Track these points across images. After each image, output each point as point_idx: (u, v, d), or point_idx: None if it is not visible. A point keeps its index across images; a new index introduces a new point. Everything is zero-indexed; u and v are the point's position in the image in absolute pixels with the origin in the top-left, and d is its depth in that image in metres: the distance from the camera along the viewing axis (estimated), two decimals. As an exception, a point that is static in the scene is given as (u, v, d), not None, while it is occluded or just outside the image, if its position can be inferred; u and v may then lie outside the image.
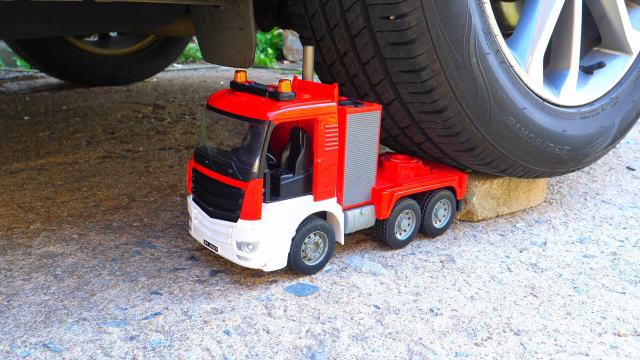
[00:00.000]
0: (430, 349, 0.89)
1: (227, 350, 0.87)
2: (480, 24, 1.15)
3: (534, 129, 1.29)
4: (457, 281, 1.11)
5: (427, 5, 1.06)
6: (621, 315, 1.00)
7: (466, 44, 1.13)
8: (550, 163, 1.37)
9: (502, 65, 1.21)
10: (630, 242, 1.32)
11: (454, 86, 1.14)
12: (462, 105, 1.17)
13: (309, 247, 1.08)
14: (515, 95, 1.24)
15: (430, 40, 1.09)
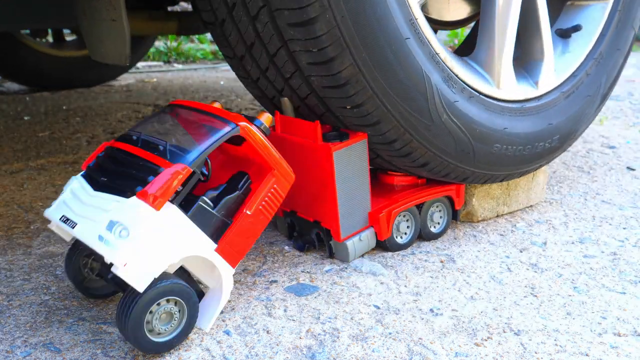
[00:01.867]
0: (431, 349, 0.89)
1: (227, 350, 0.87)
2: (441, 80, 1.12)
3: (521, 140, 1.27)
4: (457, 281, 1.11)
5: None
6: (621, 315, 1.00)
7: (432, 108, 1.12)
8: (543, 159, 1.36)
9: (472, 101, 1.18)
10: (630, 242, 1.32)
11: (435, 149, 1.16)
12: (442, 155, 1.17)
13: (156, 316, 0.82)
14: (495, 121, 1.21)
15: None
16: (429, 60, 1.09)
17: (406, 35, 1.04)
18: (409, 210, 1.22)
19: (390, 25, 1.01)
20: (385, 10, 1.00)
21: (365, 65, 1.01)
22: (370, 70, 1.02)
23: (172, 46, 4.29)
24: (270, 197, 0.95)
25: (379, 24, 1.00)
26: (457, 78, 1.16)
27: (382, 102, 1.05)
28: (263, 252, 1.21)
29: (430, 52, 1.10)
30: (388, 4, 1.01)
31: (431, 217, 1.27)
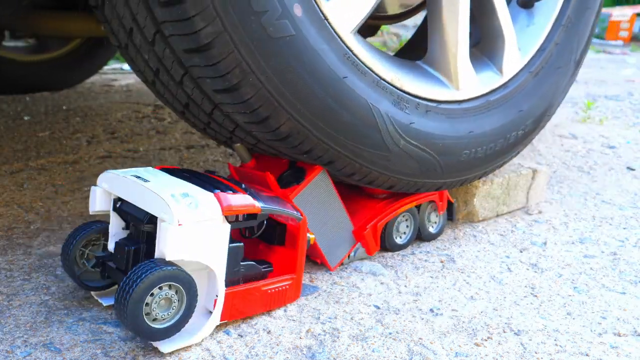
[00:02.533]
0: (431, 349, 0.89)
1: (227, 350, 0.87)
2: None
3: (490, 138, 1.21)
4: (457, 281, 1.11)
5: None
6: (621, 315, 1.00)
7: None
8: (519, 146, 1.30)
9: (429, 115, 1.11)
10: (630, 242, 1.32)
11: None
12: (407, 178, 1.13)
13: (156, 299, 0.85)
14: (458, 128, 1.15)
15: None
16: (374, 88, 1.02)
17: (343, 74, 0.97)
18: (408, 211, 1.22)
19: (323, 71, 0.94)
20: (314, 59, 0.93)
21: (304, 117, 0.95)
22: (311, 121, 0.96)
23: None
24: (280, 289, 0.99)
25: (310, 75, 0.93)
26: (409, 96, 1.08)
27: (331, 146, 1.00)
28: (263, 252, 1.21)
29: (374, 79, 1.02)
30: (317, 51, 0.93)
31: (429, 218, 1.27)
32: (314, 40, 0.92)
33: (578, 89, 3.73)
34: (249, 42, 0.87)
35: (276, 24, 0.88)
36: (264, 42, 0.88)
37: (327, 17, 0.95)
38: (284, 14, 0.88)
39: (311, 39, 0.92)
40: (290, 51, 0.90)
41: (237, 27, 0.85)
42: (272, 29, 0.87)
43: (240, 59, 0.87)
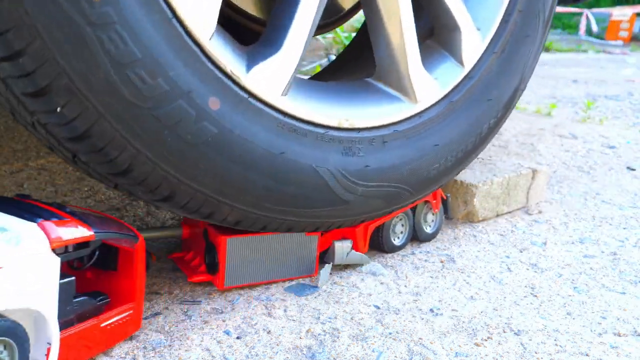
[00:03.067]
0: (431, 349, 0.89)
1: (227, 350, 0.87)
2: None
3: (460, 140, 1.12)
4: (457, 281, 1.11)
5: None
6: (621, 315, 1.00)
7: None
8: (490, 138, 1.20)
9: (387, 146, 1.02)
10: (630, 242, 1.32)
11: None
12: (376, 212, 1.08)
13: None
14: (423, 146, 1.07)
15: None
16: (318, 146, 0.94)
17: (280, 150, 0.90)
18: (404, 212, 1.21)
19: (257, 156, 0.88)
20: (244, 148, 0.86)
21: (248, 204, 0.91)
22: (257, 205, 0.92)
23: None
24: (121, 322, 0.87)
25: (244, 167, 0.88)
26: (361, 135, 0.99)
27: (285, 218, 0.97)
28: (263, 252, 1.21)
29: (317, 135, 0.94)
30: (246, 138, 0.86)
31: (425, 218, 1.26)
32: (240, 128, 0.86)
33: (578, 89, 3.73)
34: (170, 158, 0.81)
35: (194, 130, 0.81)
36: (188, 151, 0.82)
37: (252, 92, 0.87)
38: (200, 116, 0.81)
39: (237, 128, 0.85)
40: (217, 150, 0.84)
41: (153, 146, 0.80)
42: (190, 136, 0.81)
43: (168, 175, 0.83)
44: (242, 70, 0.86)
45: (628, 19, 9.08)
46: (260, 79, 0.87)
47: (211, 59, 0.82)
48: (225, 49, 0.85)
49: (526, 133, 2.34)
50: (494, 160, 1.54)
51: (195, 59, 0.80)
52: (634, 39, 9.38)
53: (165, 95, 0.78)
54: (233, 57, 0.85)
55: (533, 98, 3.31)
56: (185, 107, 0.80)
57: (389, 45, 1.01)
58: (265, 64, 0.88)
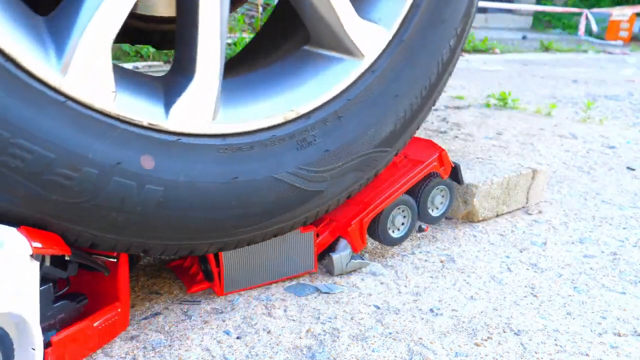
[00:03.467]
0: (431, 349, 0.89)
1: (227, 350, 0.87)
2: None
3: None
4: (457, 281, 1.11)
5: None
6: (621, 315, 1.00)
7: None
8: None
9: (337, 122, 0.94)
10: (630, 242, 1.32)
11: None
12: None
13: None
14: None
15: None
16: (270, 156, 0.89)
17: (233, 175, 0.86)
18: (405, 204, 1.16)
19: (219, 201, 0.85)
20: (201, 202, 0.83)
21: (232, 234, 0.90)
22: (247, 231, 0.92)
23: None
24: (110, 322, 0.87)
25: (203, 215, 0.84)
26: (312, 122, 0.93)
27: (268, 230, 0.95)
28: (263, 252, 1.21)
29: (264, 142, 0.89)
30: (199, 193, 0.83)
31: (432, 201, 1.21)
32: (183, 173, 0.81)
33: (578, 89, 3.73)
34: (130, 232, 0.80)
35: (141, 199, 0.78)
36: (144, 221, 0.79)
37: (180, 132, 0.81)
38: (141, 182, 0.77)
39: (180, 174, 0.81)
40: (171, 206, 0.81)
41: (109, 229, 0.78)
42: (140, 207, 0.78)
43: (133, 241, 0.82)
44: (160, 115, 0.79)
45: (628, 19, 9.08)
46: (184, 116, 0.80)
47: (123, 120, 0.76)
48: (137, 99, 0.78)
49: (526, 133, 2.34)
50: (494, 160, 1.54)
51: (108, 128, 0.74)
52: (634, 39, 9.39)
53: (97, 179, 0.73)
54: (147, 104, 0.79)
55: (533, 98, 3.31)
56: (123, 182, 0.76)
57: (312, 3, 0.91)
58: (183, 98, 0.81)
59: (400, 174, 1.15)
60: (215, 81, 0.83)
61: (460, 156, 1.96)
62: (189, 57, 0.81)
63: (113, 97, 0.74)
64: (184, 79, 0.82)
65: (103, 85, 0.73)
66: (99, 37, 0.72)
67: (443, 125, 2.45)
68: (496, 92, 3.13)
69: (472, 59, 5.50)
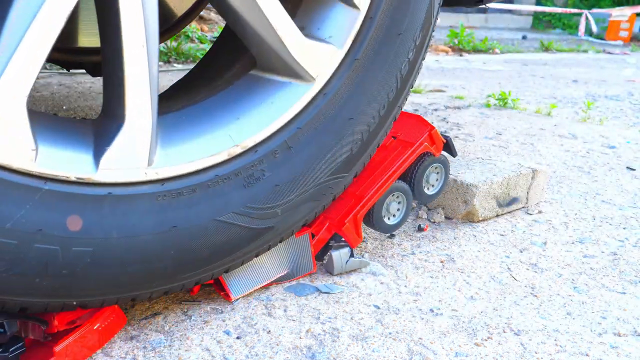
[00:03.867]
0: (430, 349, 0.89)
1: (227, 350, 0.87)
2: None
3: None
4: (457, 281, 1.11)
5: None
6: (621, 315, 1.00)
7: None
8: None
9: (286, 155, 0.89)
10: (630, 242, 1.32)
11: None
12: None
13: None
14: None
15: None
16: (214, 197, 0.83)
17: (172, 224, 0.80)
18: (401, 190, 1.13)
19: (158, 252, 0.79)
20: (139, 256, 0.78)
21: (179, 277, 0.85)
22: (193, 275, 0.87)
23: (172, 46, 4.28)
24: (105, 328, 0.85)
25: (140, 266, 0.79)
26: (259, 156, 0.87)
27: (215, 271, 0.91)
28: (263, 252, 1.21)
29: (206, 184, 0.83)
30: (136, 247, 0.78)
31: (427, 179, 1.17)
32: (117, 228, 0.75)
33: (578, 89, 3.73)
34: (58, 295, 0.75)
35: (67, 262, 0.73)
36: (73, 282, 0.75)
37: (113, 182, 0.75)
38: (66, 245, 0.72)
39: (113, 231, 0.75)
40: (103, 265, 0.76)
41: (34, 295, 0.73)
42: (66, 270, 0.73)
43: (66, 301, 0.77)
44: (89, 167, 0.72)
45: (628, 19, 9.08)
46: (116, 165, 0.73)
47: (47, 179, 0.69)
48: (63, 151, 0.71)
49: (526, 133, 2.34)
50: (494, 160, 1.54)
51: (28, 191, 0.68)
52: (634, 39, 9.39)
53: (15, 249, 0.67)
54: (75, 155, 0.72)
55: (533, 98, 3.31)
56: (45, 248, 0.69)
57: (250, 25, 0.84)
58: (115, 146, 0.74)
59: (391, 159, 1.11)
60: (148, 124, 0.75)
61: (461, 156, 1.96)
62: (117, 101, 0.74)
63: (34, 156, 0.67)
64: (113, 124, 0.74)
65: (20, 144, 0.66)
66: (11, 94, 0.65)
67: (443, 125, 2.45)
68: (496, 92, 3.13)
69: (472, 59, 5.50)
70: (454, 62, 5.18)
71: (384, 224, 1.15)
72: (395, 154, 1.12)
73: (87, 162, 0.72)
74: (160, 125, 0.80)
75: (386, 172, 1.10)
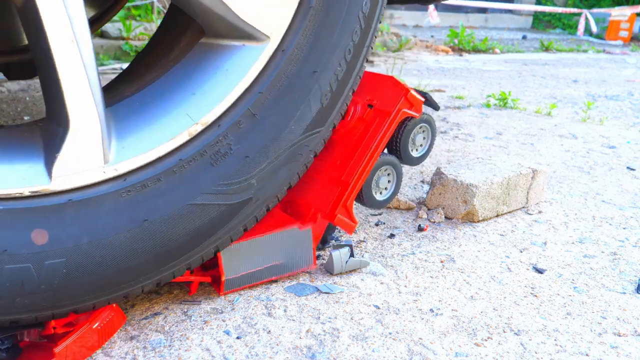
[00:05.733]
0: (430, 349, 0.89)
1: (227, 350, 0.87)
2: None
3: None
4: (457, 281, 1.11)
5: None
6: (621, 315, 1.00)
7: None
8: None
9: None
10: (630, 242, 1.32)
11: None
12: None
13: None
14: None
15: None
16: (185, 181, 0.80)
17: (143, 218, 0.78)
18: (390, 164, 1.09)
19: (134, 250, 0.77)
20: (117, 259, 0.77)
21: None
22: (183, 260, 0.86)
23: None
24: (104, 326, 0.85)
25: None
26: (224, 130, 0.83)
27: (203, 252, 0.89)
28: (263, 252, 1.21)
29: (177, 167, 0.80)
30: (110, 250, 0.76)
31: (413, 140, 1.13)
32: (87, 234, 0.73)
33: (578, 89, 3.73)
34: (41, 307, 0.74)
35: (43, 277, 0.71)
36: (53, 294, 0.73)
37: (72, 188, 0.72)
38: (38, 261, 0.70)
39: (83, 236, 0.73)
40: (80, 272, 0.74)
41: (16, 312, 0.72)
42: (44, 285, 0.72)
43: (55, 312, 0.76)
44: (43, 177, 0.69)
45: (628, 19, 9.08)
46: (70, 171, 0.70)
47: (1, 199, 0.67)
48: (12, 166, 0.68)
49: (526, 133, 2.34)
50: (494, 160, 1.54)
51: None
52: (634, 39, 9.39)
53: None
54: (25, 168, 0.69)
55: (533, 98, 3.31)
56: (16, 267, 0.68)
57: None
58: (65, 152, 0.70)
59: (370, 133, 1.06)
60: (96, 120, 0.71)
61: (461, 156, 1.96)
62: (57, 103, 0.70)
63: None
64: (59, 128, 0.71)
65: None
66: None
67: (443, 125, 2.45)
68: (496, 92, 3.12)
69: (472, 59, 5.50)
70: (454, 62, 5.18)
71: (375, 200, 1.11)
72: (375, 126, 1.07)
73: (39, 173, 0.69)
74: (112, 118, 0.76)
75: (368, 149, 1.05)
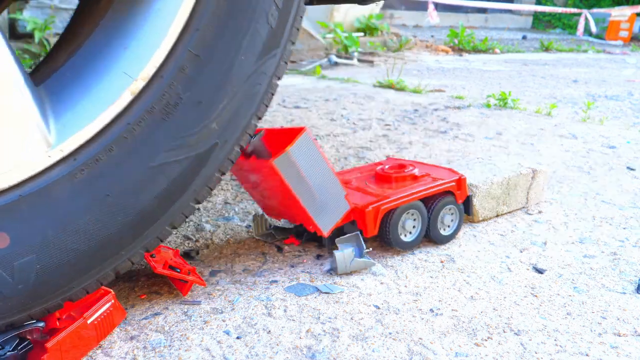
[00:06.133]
0: (430, 349, 0.89)
1: (227, 350, 0.87)
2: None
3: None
4: (457, 281, 1.11)
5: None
6: (621, 315, 1.00)
7: None
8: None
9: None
10: (630, 242, 1.32)
11: None
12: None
13: None
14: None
15: None
16: (141, 145, 0.75)
17: (106, 193, 0.74)
18: (414, 207, 1.19)
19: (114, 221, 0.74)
20: (99, 241, 0.75)
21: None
22: (165, 219, 0.83)
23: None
24: (103, 321, 0.85)
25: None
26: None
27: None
28: (263, 252, 1.21)
29: (126, 133, 0.74)
30: (87, 235, 0.73)
31: (442, 220, 1.25)
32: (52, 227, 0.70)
33: (578, 89, 3.73)
34: (29, 304, 0.72)
35: (19, 278, 0.70)
36: (38, 289, 0.72)
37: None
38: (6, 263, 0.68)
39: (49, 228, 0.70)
40: (59, 261, 0.72)
41: (8, 318, 0.71)
42: (22, 285, 0.70)
43: (49, 307, 0.76)
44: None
45: (628, 19, 9.08)
46: (10, 165, 0.65)
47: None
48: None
49: (526, 133, 2.34)
50: (494, 160, 1.54)
51: None
52: (634, 39, 9.38)
53: None
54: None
55: (533, 98, 3.31)
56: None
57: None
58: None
59: (420, 183, 1.24)
60: (22, 103, 0.65)
61: (461, 156, 1.96)
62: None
63: None
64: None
65: None
66: None
67: (443, 125, 2.45)
68: (496, 92, 3.13)
69: (472, 59, 5.50)
70: (454, 62, 5.18)
71: (400, 240, 1.20)
72: (425, 182, 1.25)
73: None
74: (45, 96, 0.70)
75: (413, 188, 1.20)
